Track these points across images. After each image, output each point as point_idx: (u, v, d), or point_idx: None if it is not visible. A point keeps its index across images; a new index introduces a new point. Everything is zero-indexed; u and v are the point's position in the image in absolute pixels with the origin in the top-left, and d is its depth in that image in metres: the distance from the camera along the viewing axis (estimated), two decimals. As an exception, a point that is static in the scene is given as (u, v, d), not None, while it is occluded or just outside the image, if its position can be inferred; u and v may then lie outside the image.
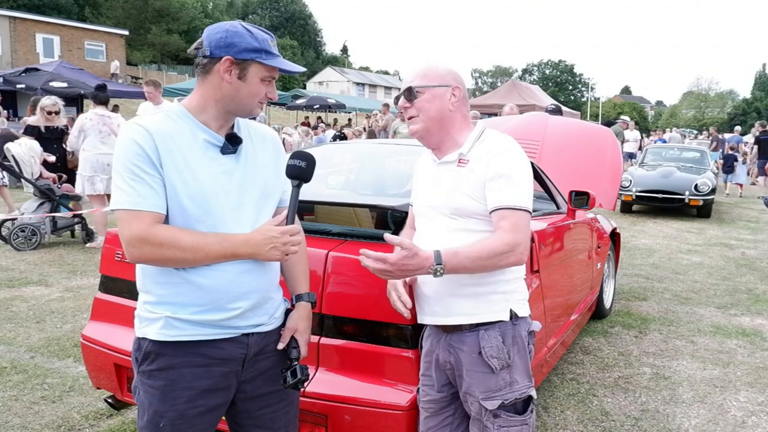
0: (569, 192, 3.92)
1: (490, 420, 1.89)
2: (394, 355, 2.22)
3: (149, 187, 1.56)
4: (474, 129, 1.99)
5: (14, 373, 3.68)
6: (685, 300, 5.78)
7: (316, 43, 78.30)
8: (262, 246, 1.64)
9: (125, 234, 1.56)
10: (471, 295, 1.90)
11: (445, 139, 1.97)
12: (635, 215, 11.69)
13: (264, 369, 1.78)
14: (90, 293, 5.10)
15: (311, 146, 7.02)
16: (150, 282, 1.67)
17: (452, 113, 1.95)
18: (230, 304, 1.67)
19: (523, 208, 1.85)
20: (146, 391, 1.68)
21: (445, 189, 1.94)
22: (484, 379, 1.90)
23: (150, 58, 48.67)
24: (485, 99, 22.81)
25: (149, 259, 1.59)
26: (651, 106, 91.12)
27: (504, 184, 1.85)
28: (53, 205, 7.14)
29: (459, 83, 1.97)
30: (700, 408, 3.52)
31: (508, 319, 1.92)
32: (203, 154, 1.64)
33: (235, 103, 1.66)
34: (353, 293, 2.27)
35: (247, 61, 1.62)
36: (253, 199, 1.71)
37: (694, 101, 71.24)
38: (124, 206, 1.56)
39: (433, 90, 1.93)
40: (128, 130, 1.59)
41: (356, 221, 3.00)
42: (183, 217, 1.61)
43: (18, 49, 31.86)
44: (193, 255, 1.58)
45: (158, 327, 1.64)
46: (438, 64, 1.98)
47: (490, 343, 1.89)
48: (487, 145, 1.93)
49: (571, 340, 4.01)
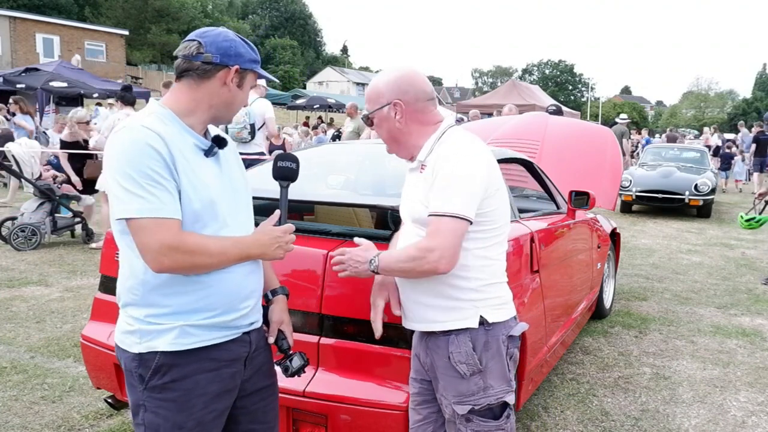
0: (569, 192, 3.92)
1: (463, 424, 1.90)
2: (393, 355, 2.23)
3: (169, 194, 1.53)
4: (436, 131, 1.92)
5: (14, 373, 3.68)
6: (685, 300, 5.78)
7: (316, 43, 78.29)
8: (269, 246, 1.69)
9: (152, 243, 1.50)
10: (439, 303, 1.89)
11: (410, 150, 1.95)
12: (635, 215, 11.69)
13: (259, 365, 1.82)
14: (90, 293, 5.10)
15: (311, 146, 7.01)
16: (156, 294, 1.60)
17: (401, 127, 1.91)
18: (240, 304, 1.70)
19: (449, 214, 1.76)
20: (158, 407, 1.62)
21: (408, 196, 1.96)
22: (455, 384, 1.89)
23: (150, 58, 48.65)
24: (485, 99, 22.81)
25: (179, 266, 1.55)
26: (651, 106, 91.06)
27: (437, 190, 1.79)
28: (53, 205, 7.14)
29: (398, 96, 1.88)
30: (700, 408, 3.52)
31: (477, 326, 1.87)
32: (199, 158, 1.65)
33: (227, 110, 1.71)
34: (353, 293, 2.27)
35: (247, 71, 1.69)
36: (243, 200, 1.76)
37: (694, 101, 71.21)
38: (147, 214, 1.50)
39: (378, 113, 1.92)
40: (137, 132, 1.53)
41: (356, 221, 3.00)
42: (194, 222, 1.60)
43: (18, 49, 31.84)
44: (218, 260, 1.60)
45: (172, 337, 1.60)
46: (378, 83, 1.92)
47: (459, 349, 1.87)
48: (441, 150, 1.86)
49: (571, 340, 4.01)
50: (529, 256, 2.92)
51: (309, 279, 2.33)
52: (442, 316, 1.89)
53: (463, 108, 19.49)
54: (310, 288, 2.32)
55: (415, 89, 1.90)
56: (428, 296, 1.90)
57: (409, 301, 1.95)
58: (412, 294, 1.93)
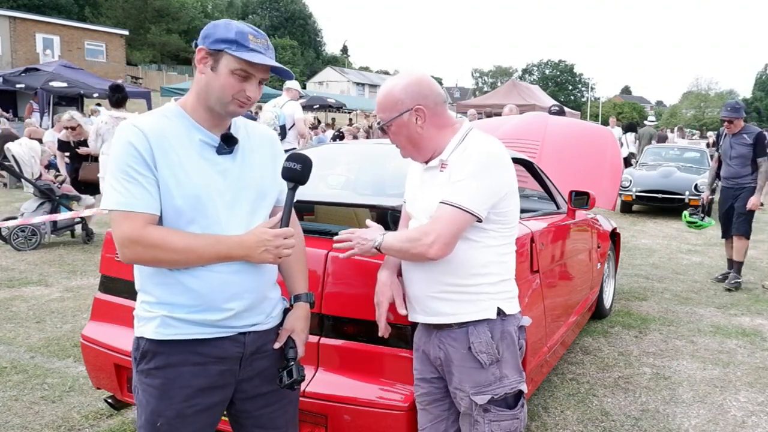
0: (569, 192, 3.92)
1: (480, 414, 1.92)
2: (393, 355, 2.22)
3: (142, 188, 1.56)
4: (458, 132, 1.95)
5: (14, 373, 3.68)
6: (685, 300, 5.78)
7: (316, 43, 78.27)
8: (255, 248, 1.63)
9: (117, 234, 1.57)
10: (456, 297, 1.92)
11: (427, 153, 1.97)
12: (635, 215, 11.69)
13: (262, 368, 1.78)
14: (90, 293, 5.10)
15: (311, 146, 7.01)
16: (147, 282, 1.68)
17: (422, 132, 1.93)
18: (224, 305, 1.67)
19: (455, 204, 1.80)
20: (144, 390, 1.69)
21: (429, 194, 1.96)
22: (473, 374, 1.92)
23: (150, 58, 48.64)
24: (485, 99, 22.80)
25: (141, 260, 1.60)
26: (651, 106, 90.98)
27: (452, 183, 1.86)
28: (53, 205, 7.14)
29: (419, 100, 1.90)
30: (700, 408, 3.52)
31: (495, 317, 1.93)
32: (198, 154, 1.64)
33: (210, 97, 1.63)
34: (353, 293, 2.27)
35: (219, 52, 1.59)
36: (249, 199, 1.71)
37: (694, 101, 71.23)
38: (116, 207, 1.57)
39: (396, 121, 1.92)
40: (124, 131, 1.60)
41: (356, 221, 3.00)
42: (177, 217, 1.61)
43: (18, 49, 31.83)
44: (185, 257, 1.59)
45: (155, 326, 1.65)
46: (395, 90, 1.92)
47: (479, 339, 1.91)
48: (464, 149, 1.90)
49: (571, 340, 4.01)
50: (529, 256, 2.92)
51: (309, 279, 2.33)
52: (460, 309, 1.93)
53: (463, 108, 19.49)
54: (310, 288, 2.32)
55: (433, 93, 1.94)
56: (446, 292, 1.93)
57: (423, 295, 1.97)
58: (428, 289, 1.95)
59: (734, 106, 6.26)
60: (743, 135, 6.14)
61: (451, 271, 1.90)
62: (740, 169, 6.17)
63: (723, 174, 6.44)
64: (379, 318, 2.02)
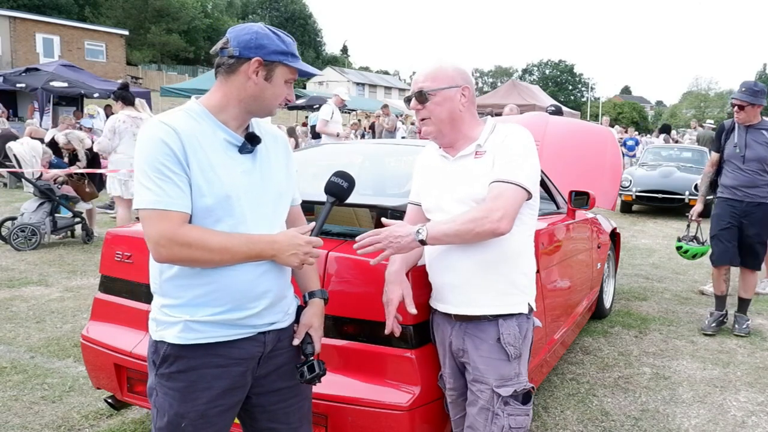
0: (569, 192, 3.92)
1: (501, 407, 1.95)
2: (394, 355, 2.22)
3: (177, 187, 1.57)
4: (487, 124, 2.04)
5: (14, 373, 3.68)
6: (685, 300, 5.78)
7: (316, 43, 78.24)
8: (285, 250, 1.66)
9: (153, 233, 1.56)
10: (494, 288, 1.97)
11: (458, 137, 2.01)
12: (635, 215, 11.69)
13: (279, 365, 1.81)
14: (90, 293, 5.10)
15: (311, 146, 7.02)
16: (169, 285, 1.66)
17: (462, 113, 1.99)
18: (250, 303, 1.69)
19: (514, 182, 1.87)
20: (166, 393, 1.68)
21: (468, 181, 1.97)
22: (499, 366, 1.97)
23: (150, 58, 48.64)
24: (485, 99, 22.79)
25: (177, 259, 1.59)
26: (651, 106, 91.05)
27: (504, 162, 1.90)
28: (53, 205, 7.14)
29: (468, 83, 2.00)
30: (700, 408, 3.52)
31: (526, 312, 2.01)
32: (224, 154, 1.66)
33: (257, 104, 1.69)
34: (353, 293, 2.27)
35: (274, 63, 1.66)
36: (271, 198, 1.74)
37: (693, 101, 71.17)
38: (152, 206, 1.55)
39: (443, 92, 1.95)
40: (154, 128, 1.59)
41: (356, 221, 2.99)
42: (206, 216, 1.62)
43: (18, 49, 31.84)
44: (220, 256, 1.59)
45: (177, 330, 1.65)
46: (447, 65, 2.00)
47: (509, 331, 1.97)
48: (500, 134, 1.98)
49: (571, 340, 4.01)
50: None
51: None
52: (497, 300, 1.97)
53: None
54: (310, 288, 2.32)
55: (473, 86, 2.03)
56: (485, 282, 1.96)
57: (461, 285, 1.99)
58: (466, 278, 1.97)
59: (752, 87, 4.48)
60: (762, 131, 4.52)
61: (497, 259, 1.94)
62: (756, 176, 4.54)
63: (728, 182, 4.81)
64: (388, 316, 2.02)
